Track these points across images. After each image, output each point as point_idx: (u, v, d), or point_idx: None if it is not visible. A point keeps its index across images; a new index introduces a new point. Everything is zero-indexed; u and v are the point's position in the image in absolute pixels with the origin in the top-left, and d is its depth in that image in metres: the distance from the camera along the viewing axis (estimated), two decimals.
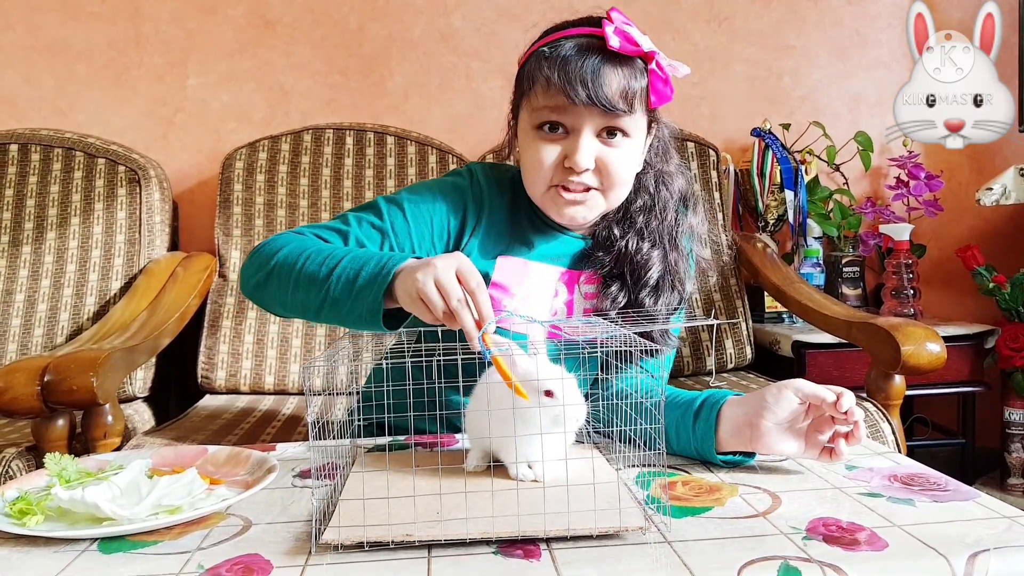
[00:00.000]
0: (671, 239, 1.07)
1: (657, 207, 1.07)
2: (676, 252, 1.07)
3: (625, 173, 1.02)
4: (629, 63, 0.96)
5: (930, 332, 1.44)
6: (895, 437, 1.45)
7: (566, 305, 1.09)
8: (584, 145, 0.97)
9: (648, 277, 1.05)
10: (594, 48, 0.96)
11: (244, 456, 0.93)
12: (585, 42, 0.97)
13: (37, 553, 0.72)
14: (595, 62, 0.95)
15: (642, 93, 0.97)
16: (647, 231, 1.06)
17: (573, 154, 0.98)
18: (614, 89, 0.95)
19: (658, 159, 1.09)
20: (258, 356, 1.86)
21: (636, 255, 1.05)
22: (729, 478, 0.87)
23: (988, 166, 2.41)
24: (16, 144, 1.96)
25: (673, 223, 1.08)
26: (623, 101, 0.96)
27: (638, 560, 0.65)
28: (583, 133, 0.98)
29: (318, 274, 0.89)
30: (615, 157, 0.99)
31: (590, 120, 0.97)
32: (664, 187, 1.08)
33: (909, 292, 2.10)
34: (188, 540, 0.73)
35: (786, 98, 2.40)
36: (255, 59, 2.23)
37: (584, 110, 0.96)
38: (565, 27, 1.01)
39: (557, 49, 0.97)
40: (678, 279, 1.07)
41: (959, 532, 0.70)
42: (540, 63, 0.98)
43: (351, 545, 0.68)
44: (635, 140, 1.01)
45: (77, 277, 1.87)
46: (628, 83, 0.96)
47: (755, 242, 2.11)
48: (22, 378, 1.26)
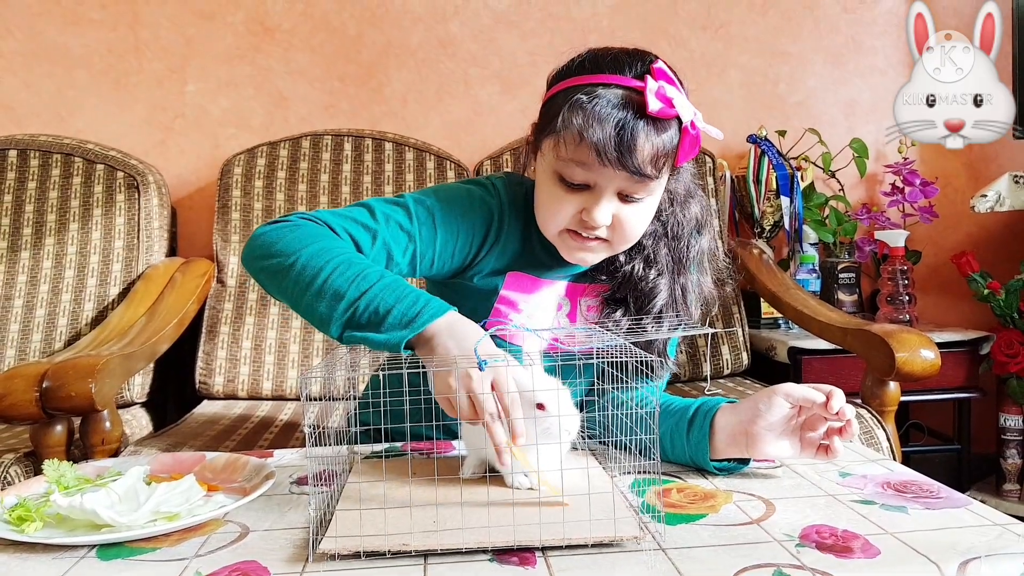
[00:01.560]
0: (680, 267, 1.06)
1: (669, 235, 1.05)
2: (684, 278, 1.06)
3: (638, 230, 1.00)
4: (665, 126, 0.92)
5: (924, 339, 1.45)
6: (890, 444, 1.46)
7: (568, 317, 1.09)
8: (604, 205, 0.95)
9: (653, 305, 1.04)
10: (632, 106, 0.90)
11: (242, 463, 0.93)
12: (624, 98, 0.91)
13: (35, 560, 0.72)
14: (631, 126, 0.89)
15: (669, 156, 0.93)
16: (656, 257, 1.05)
17: (591, 210, 0.95)
18: (646, 155, 0.91)
19: (680, 186, 1.06)
20: (256, 362, 1.87)
21: (641, 282, 1.04)
22: (723, 485, 0.87)
23: (983, 173, 2.43)
24: (15, 150, 1.97)
25: (684, 249, 1.06)
26: (653, 167, 0.92)
27: (633, 567, 0.66)
28: (605, 193, 0.95)
29: (344, 293, 0.86)
30: (632, 216, 0.97)
31: (614, 180, 0.94)
32: (680, 213, 1.06)
33: (904, 298, 2.10)
34: (186, 547, 0.73)
35: (782, 105, 2.41)
36: (254, 65, 2.24)
37: (612, 172, 0.92)
38: (606, 67, 0.94)
39: (595, 101, 0.90)
40: (683, 307, 1.06)
41: (951, 539, 0.70)
42: (575, 112, 0.91)
43: (348, 554, 0.68)
44: (655, 196, 0.99)
45: (75, 283, 1.88)
46: (660, 150, 0.92)
47: (751, 248, 2.12)
48: (21, 384, 1.26)
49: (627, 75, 0.92)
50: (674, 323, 1.05)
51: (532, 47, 2.31)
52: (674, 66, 0.98)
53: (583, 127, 0.90)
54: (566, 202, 0.96)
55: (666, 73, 0.93)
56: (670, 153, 0.93)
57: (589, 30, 2.33)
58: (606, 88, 0.91)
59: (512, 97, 2.31)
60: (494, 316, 1.05)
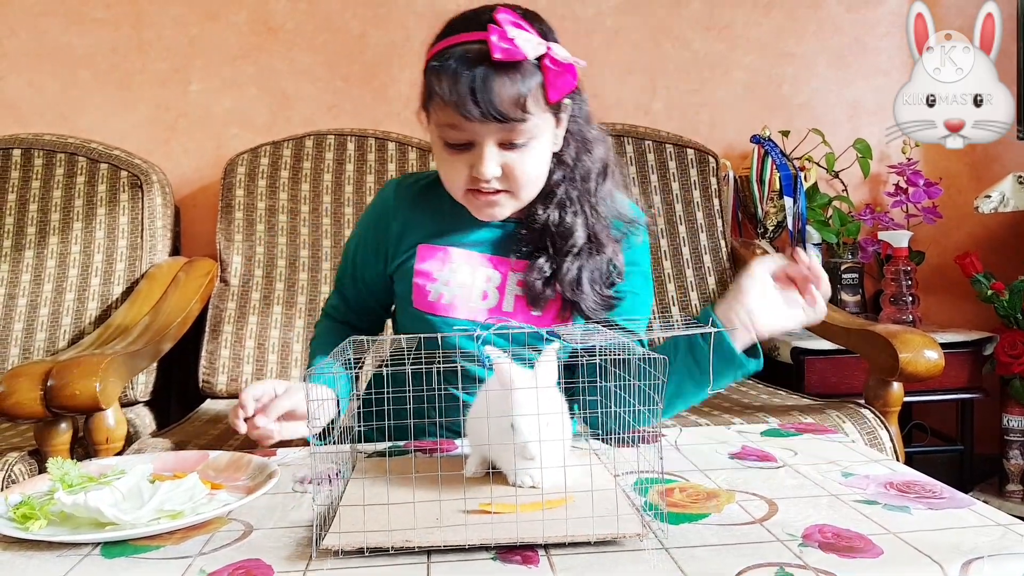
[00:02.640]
0: (592, 207, 1.09)
1: (578, 176, 1.08)
2: (597, 218, 1.09)
3: (532, 174, 1.03)
4: (519, 67, 0.94)
5: (928, 340, 1.45)
6: (893, 444, 1.46)
7: (498, 290, 1.11)
8: (487, 157, 0.99)
9: (572, 244, 1.07)
10: (482, 57, 0.94)
11: (245, 461, 0.93)
12: (473, 52, 0.94)
13: (40, 557, 0.72)
14: (482, 76, 0.93)
15: (537, 93, 0.96)
16: (568, 200, 1.08)
17: (478, 166, 0.99)
18: (506, 100, 0.94)
19: (579, 127, 1.08)
20: (259, 361, 1.87)
21: (558, 226, 1.07)
22: (726, 485, 0.87)
23: (987, 173, 2.42)
24: (19, 149, 1.97)
25: (594, 190, 1.09)
26: (517, 109, 0.95)
27: (635, 566, 0.66)
28: (485, 146, 0.98)
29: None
30: (520, 162, 1.00)
31: (488, 132, 0.97)
32: (585, 156, 1.09)
33: (908, 299, 2.10)
34: (190, 545, 0.74)
35: (785, 105, 2.41)
36: (257, 65, 2.24)
37: (480, 125, 0.96)
38: (454, 31, 0.98)
39: (445, 62, 0.95)
40: (601, 244, 1.09)
41: (954, 540, 0.70)
42: (432, 79, 0.97)
43: (351, 551, 0.68)
44: (541, 139, 1.01)
45: (79, 282, 1.88)
46: (519, 89, 0.94)
47: (754, 248, 2.12)
48: (25, 383, 1.27)
49: (473, 30, 0.96)
50: (677, 323, 1.07)
51: None
52: (677, 66, 1.01)
53: (442, 91, 0.95)
54: (456, 164, 1.02)
55: (512, 18, 0.96)
56: (532, 92, 0.95)
57: (593, 30, 2.33)
58: (454, 47, 0.96)
59: None
60: (416, 293, 1.10)
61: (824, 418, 1.48)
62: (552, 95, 0.97)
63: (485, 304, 1.09)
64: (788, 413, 1.53)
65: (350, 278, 1.21)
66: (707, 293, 2.00)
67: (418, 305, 1.10)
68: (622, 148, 2.08)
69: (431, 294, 1.10)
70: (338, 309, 1.24)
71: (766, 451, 1.01)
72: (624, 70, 2.35)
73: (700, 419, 1.51)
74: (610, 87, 2.34)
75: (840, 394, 1.86)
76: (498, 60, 0.93)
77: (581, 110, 1.08)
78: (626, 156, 2.08)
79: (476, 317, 1.09)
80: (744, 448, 1.02)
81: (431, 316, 1.09)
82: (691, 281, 2.00)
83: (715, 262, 2.02)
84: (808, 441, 1.06)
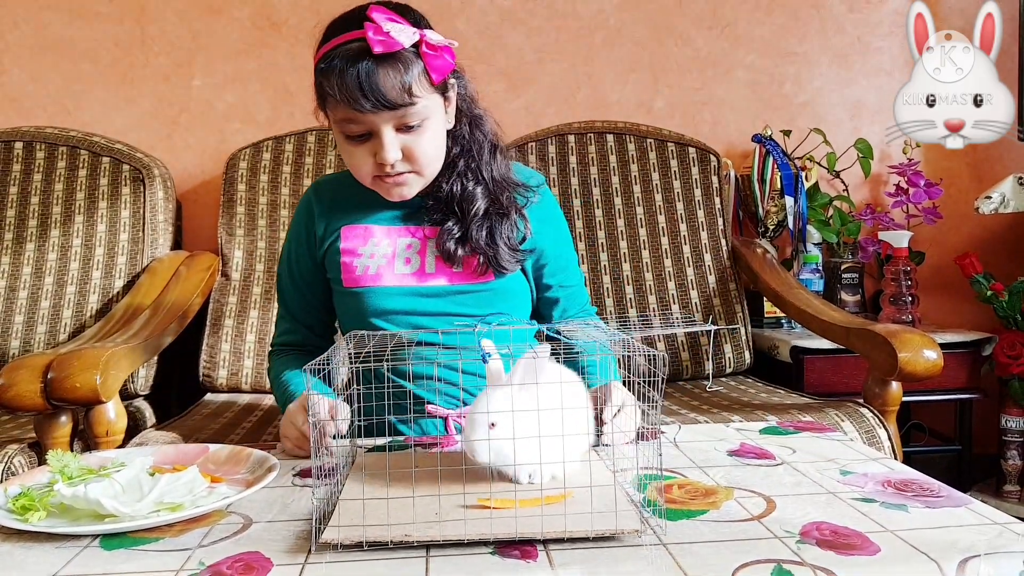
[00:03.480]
0: (490, 175, 1.18)
1: (474, 148, 1.18)
2: (495, 185, 1.18)
3: (431, 153, 1.11)
4: (398, 56, 1.02)
5: (927, 339, 1.45)
6: (891, 443, 1.46)
7: (419, 254, 1.20)
8: (386, 144, 1.06)
9: (476, 209, 1.15)
10: (363, 53, 1.01)
11: (245, 455, 0.94)
12: (354, 50, 1.02)
13: (39, 549, 0.72)
14: (366, 70, 1.00)
15: (420, 77, 1.03)
16: (468, 171, 1.17)
17: (379, 153, 1.07)
18: (392, 89, 1.01)
19: (467, 106, 1.18)
20: (260, 355, 1.87)
21: (462, 194, 1.16)
22: (725, 482, 0.88)
23: (987, 174, 2.42)
24: (21, 142, 1.97)
25: (490, 160, 1.18)
26: (404, 95, 1.02)
27: (634, 562, 0.66)
28: (382, 133, 1.05)
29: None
30: (418, 143, 1.08)
31: (383, 120, 1.04)
32: (477, 130, 1.18)
33: (907, 299, 2.10)
34: (189, 537, 0.74)
35: (787, 104, 2.41)
36: (260, 60, 2.24)
37: (374, 115, 1.03)
38: (335, 32, 1.05)
39: (331, 63, 1.02)
40: (503, 208, 1.17)
41: (951, 538, 0.71)
42: (322, 81, 1.05)
43: (350, 544, 0.69)
44: (434, 119, 1.09)
45: (80, 275, 1.89)
46: (403, 77, 1.02)
47: (755, 247, 2.12)
48: (25, 375, 1.27)
49: (351, 30, 1.03)
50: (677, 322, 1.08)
51: (538, 44, 2.31)
52: (680, 65, 1.03)
53: (333, 91, 1.03)
54: (360, 154, 1.09)
55: (385, 14, 1.03)
56: (416, 77, 1.03)
57: (595, 27, 2.33)
58: (337, 48, 1.03)
59: (518, 95, 2.31)
60: (345, 272, 1.18)
61: (823, 417, 1.48)
62: (435, 77, 1.05)
63: (409, 268, 1.18)
64: (787, 411, 1.53)
65: (291, 287, 1.26)
66: (707, 291, 2.00)
67: (347, 284, 1.19)
68: (624, 146, 2.08)
69: (357, 269, 1.18)
70: (288, 332, 1.28)
71: (765, 449, 1.01)
72: (626, 68, 2.35)
73: (699, 416, 1.51)
74: (612, 85, 2.34)
75: (839, 393, 1.86)
76: (378, 53, 1.00)
77: (466, 90, 1.18)
78: (628, 154, 2.08)
79: (402, 283, 1.17)
80: (743, 446, 1.03)
81: (359, 290, 1.18)
82: (691, 279, 2.00)
83: (716, 260, 2.02)
84: (807, 439, 1.06)
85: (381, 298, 1.17)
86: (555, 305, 1.28)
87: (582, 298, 1.32)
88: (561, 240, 1.27)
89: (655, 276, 2.00)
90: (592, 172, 2.06)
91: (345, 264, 1.19)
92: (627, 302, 1.96)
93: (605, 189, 2.05)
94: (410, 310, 1.17)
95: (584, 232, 2.02)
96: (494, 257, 1.16)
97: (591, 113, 2.29)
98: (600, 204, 2.04)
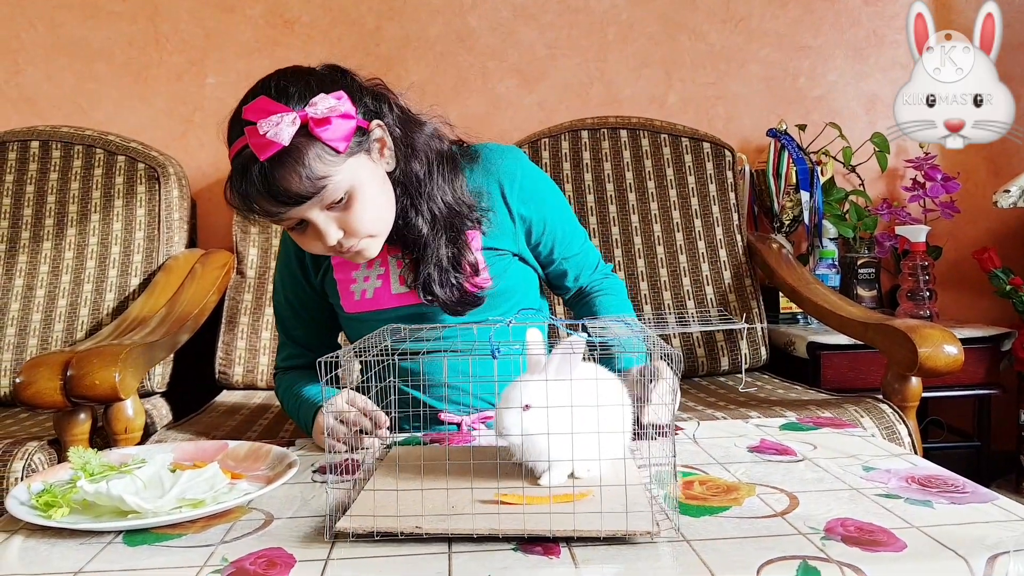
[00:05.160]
0: (430, 201, 1.09)
1: (408, 184, 1.09)
2: (439, 208, 1.10)
3: (372, 215, 1.03)
4: (289, 151, 0.93)
5: (947, 334, 1.43)
6: (911, 439, 1.45)
7: (381, 266, 1.16)
8: (322, 229, 1.00)
9: (420, 236, 1.09)
10: (254, 159, 0.93)
11: (264, 451, 0.94)
12: (245, 157, 0.94)
13: (63, 545, 0.73)
14: (261, 176, 0.93)
15: (321, 156, 0.94)
16: (412, 207, 1.09)
17: (320, 238, 1.01)
18: (297, 185, 0.94)
19: (401, 132, 1.08)
20: (275, 352, 1.87)
21: (404, 228, 1.10)
22: (746, 478, 0.87)
23: (1005, 168, 2.40)
24: (37, 141, 1.98)
25: (431, 191, 1.09)
26: (311, 184, 0.94)
27: (657, 559, 0.66)
28: (316, 221, 0.99)
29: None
30: (354, 214, 1.01)
31: (306, 211, 0.98)
32: (412, 162, 1.09)
33: (925, 294, 2.09)
34: (212, 533, 0.74)
35: (802, 99, 2.39)
36: (273, 58, 2.24)
37: (293, 209, 0.96)
38: (229, 141, 0.98)
39: (234, 180, 0.96)
40: (455, 230, 1.11)
41: (978, 534, 0.70)
42: (232, 201, 0.99)
43: (363, 534, 0.69)
44: (361, 183, 1.00)
45: (97, 273, 1.89)
46: (300, 168, 0.93)
47: (770, 243, 2.11)
48: (45, 372, 1.27)
49: (236, 138, 0.96)
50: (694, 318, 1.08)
51: (550, 40, 2.31)
52: (693, 59, 1.00)
53: (244, 210, 0.98)
54: (306, 240, 1.04)
55: (264, 102, 0.95)
56: (315, 159, 0.94)
57: (608, 23, 2.32)
58: (235, 159, 0.96)
59: (530, 91, 2.30)
60: (344, 299, 1.16)
61: (842, 413, 1.47)
62: (340, 147, 0.96)
63: (405, 287, 1.14)
64: (805, 407, 1.52)
65: (292, 316, 1.24)
66: (723, 287, 1.99)
67: (348, 309, 1.17)
68: (637, 142, 2.07)
69: (355, 295, 1.16)
70: (294, 357, 1.25)
71: (785, 445, 1.00)
72: (639, 63, 2.34)
73: (717, 413, 1.51)
74: (625, 80, 2.33)
75: (856, 389, 1.85)
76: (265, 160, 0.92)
77: (393, 117, 1.08)
78: (642, 150, 2.07)
79: (401, 302, 1.14)
80: (763, 442, 1.02)
81: (363, 315, 1.16)
82: (707, 275, 1.99)
83: (731, 256, 2.01)
84: (827, 435, 1.05)
85: (385, 321, 1.08)
86: (565, 277, 1.25)
87: (591, 259, 1.27)
88: (550, 212, 1.20)
89: (670, 272, 1.99)
90: (606, 168, 2.05)
91: (343, 290, 1.17)
92: (642, 298, 1.96)
93: (619, 185, 2.04)
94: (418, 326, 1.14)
95: (598, 228, 2.01)
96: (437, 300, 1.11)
97: (604, 109, 2.28)
98: (614, 200, 2.03)
